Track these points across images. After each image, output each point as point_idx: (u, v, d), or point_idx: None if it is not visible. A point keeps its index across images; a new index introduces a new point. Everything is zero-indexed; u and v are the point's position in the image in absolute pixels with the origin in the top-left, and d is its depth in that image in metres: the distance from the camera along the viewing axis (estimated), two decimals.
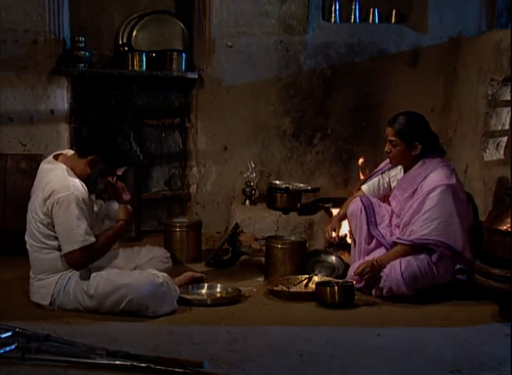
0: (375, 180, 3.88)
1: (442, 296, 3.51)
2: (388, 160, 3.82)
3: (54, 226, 3.16)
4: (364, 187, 3.90)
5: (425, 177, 3.59)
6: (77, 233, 3.10)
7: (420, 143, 3.60)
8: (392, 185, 3.83)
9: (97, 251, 3.20)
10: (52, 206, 3.11)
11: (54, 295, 3.20)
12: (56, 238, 3.17)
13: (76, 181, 3.19)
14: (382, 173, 3.87)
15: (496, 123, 4.43)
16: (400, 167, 3.79)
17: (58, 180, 3.16)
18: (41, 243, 3.21)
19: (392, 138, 3.63)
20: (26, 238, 3.30)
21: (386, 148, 3.68)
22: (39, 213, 3.17)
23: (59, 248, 3.18)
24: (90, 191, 3.30)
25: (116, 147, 3.27)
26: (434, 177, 3.56)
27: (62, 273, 3.22)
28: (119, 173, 3.36)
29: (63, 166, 3.23)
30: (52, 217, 3.13)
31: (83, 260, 3.16)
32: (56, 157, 3.32)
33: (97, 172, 3.26)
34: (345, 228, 4.09)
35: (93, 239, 3.14)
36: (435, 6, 4.91)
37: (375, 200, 3.80)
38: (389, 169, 3.85)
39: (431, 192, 3.52)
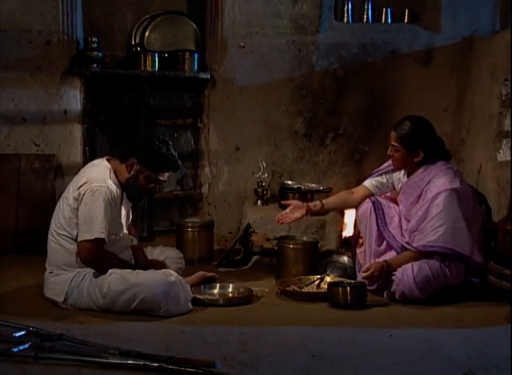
0: (377, 178, 3.86)
1: (455, 297, 3.50)
2: (390, 161, 3.80)
3: (78, 213, 3.21)
4: (367, 183, 3.88)
5: (429, 182, 3.57)
6: (97, 224, 3.15)
7: (422, 151, 3.58)
8: (397, 186, 3.80)
9: (104, 257, 3.24)
10: (85, 193, 3.19)
11: (68, 292, 3.23)
12: (77, 226, 3.22)
13: (115, 181, 3.29)
14: (385, 173, 3.85)
15: (510, 123, 4.39)
16: (403, 170, 3.77)
17: (99, 172, 3.30)
18: (62, 229, 3.26)
19: (395, 144, 3.63)
20: (50, 226, 3.35)
21: (389, 152, 3.68)
22: (69, 197, 3.25)
23: (76, 239, 3.22)
24: (131, 197, 3.39)
25: (153, 149, 3.32)
26: (437, 182, 3.54)
27: (78, 270, 3.25)
28: (163, 178, 3.39)
29: (108, 165, 3.34)
30: (81, 203, 3.19)
31: (92, 256, 3.18)
32: (108, 160, 3.41)
33: (136, 175, 3.31)
34: (349, 230, 4.11)
35: (105, 236, 3.18)
36: (448, 6, 4.89)
37: (384, 200, 3.78)
38: (393, 170, 3.81)
39: (435, 198, 3.50)
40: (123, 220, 3.44)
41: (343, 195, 3.93)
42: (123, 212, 3.42)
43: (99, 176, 3.26)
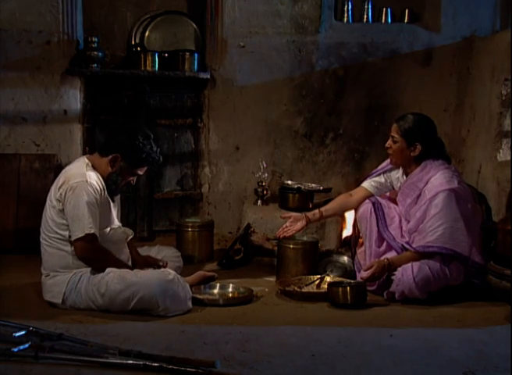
0: (376, 179, 3.86)
1: (455, 297, 3.50)
2: (388, 160, 3.80)
3: (65, 213, 3.22)
4: (365, 184, 3.88)
5: (427, 182, 3.57)
6: (84, 220, 3.17)
7: (420, 144, 3.58)
8: (396, 185, 3.80)
9: (100, 253, 3.25)
10: (66, 192, 3.21)
11: (66, 294, 3.23)
12: (67, 227, 3.22)
13: (93, 174, 3.30)
14: (383, 173, 3.85)
15: (510, 123, 4.39)
16: (402, 169, 3.76)
17: (76, 169, 3.32)
18: (54, 232, 3.27)
19: (394, 134, 3.64)
20: (40, 231, 3.35)
21: (387, 144, 3.68)
22: (53, 200, 3.27)
23: (69, 240, 3.23)
24: (112, 191, 3.38)
25: (138, 146, 3.34)
26: (435, 182, 3.54)
27: (74, 271, 3.25)
28: (141, 172, 3.43)
29: (85, 160, 3.36)
30: (65, 203, 3.21)
31: (87, 253, 3.21)
32: (88, 157, 3.44)
33: (119, 171, 3.35)
34: (349, 230, 4.10)
35: (95, 231, 3.19)
36: (448, 5, 4.88)
37: (384, 201, 3.78)
38: (391, 169, 3.82)
39: (433, 199, 3.51)
40: (113, 211, 3.44)
41: (341, 199, 3.92)
42: (111, 203, 3.42)
43: (76, 171, 3.29)
